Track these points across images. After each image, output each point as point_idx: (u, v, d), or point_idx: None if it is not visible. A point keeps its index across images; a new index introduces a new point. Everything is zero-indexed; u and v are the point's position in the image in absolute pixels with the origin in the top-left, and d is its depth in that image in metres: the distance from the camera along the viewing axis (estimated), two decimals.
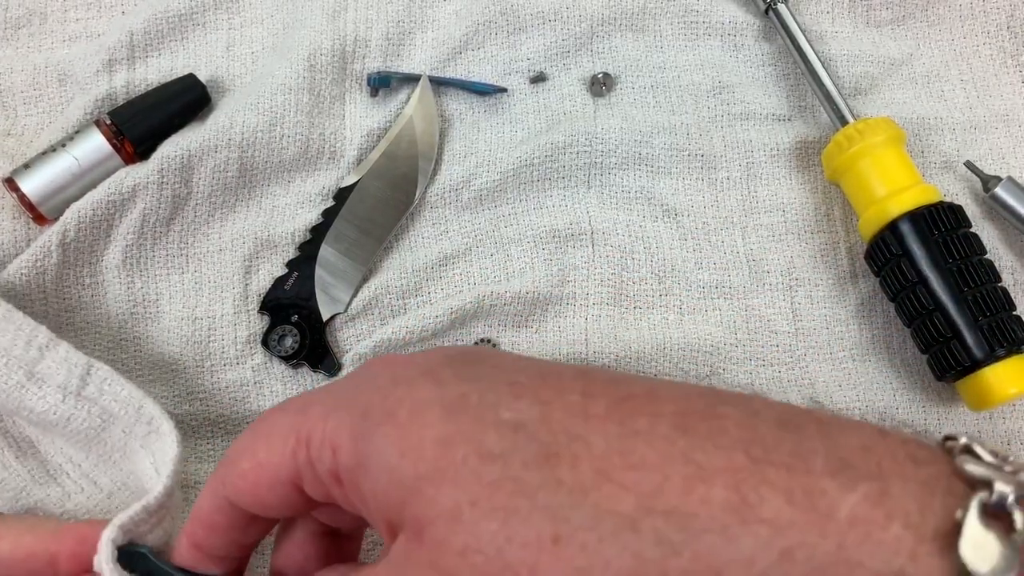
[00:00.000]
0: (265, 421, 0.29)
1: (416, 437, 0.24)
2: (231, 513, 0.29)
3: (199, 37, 0.50)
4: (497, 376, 0.26)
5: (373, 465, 0.24)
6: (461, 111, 0.50)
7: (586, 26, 0.51)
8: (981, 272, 0.43)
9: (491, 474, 0.22)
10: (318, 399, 0.28)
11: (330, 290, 0.47)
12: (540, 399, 0.24)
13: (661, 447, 0.22)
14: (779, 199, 0.49)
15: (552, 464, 0.22)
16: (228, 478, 0.29)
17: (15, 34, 0.50)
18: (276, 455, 0.27)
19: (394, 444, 0.24)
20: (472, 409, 0.24)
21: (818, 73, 0.49)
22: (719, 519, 0.21)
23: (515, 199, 0.49)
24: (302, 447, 0.27)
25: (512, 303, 0.46)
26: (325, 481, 0.26)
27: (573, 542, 0.21)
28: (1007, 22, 0.52)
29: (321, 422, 0.26)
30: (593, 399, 0.24)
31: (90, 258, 0.46)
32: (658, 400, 0.24)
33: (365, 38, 0.50)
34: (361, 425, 0.25)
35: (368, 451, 0.25)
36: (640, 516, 0.21)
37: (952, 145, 0.50)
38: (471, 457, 0.23)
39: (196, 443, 0.45)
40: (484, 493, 0.22)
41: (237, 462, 0.28)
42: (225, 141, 0.46)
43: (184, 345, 0.46)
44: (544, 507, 0.22)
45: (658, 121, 0.50)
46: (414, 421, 0.24)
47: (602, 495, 0.22)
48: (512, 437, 0.23)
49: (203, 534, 0.30)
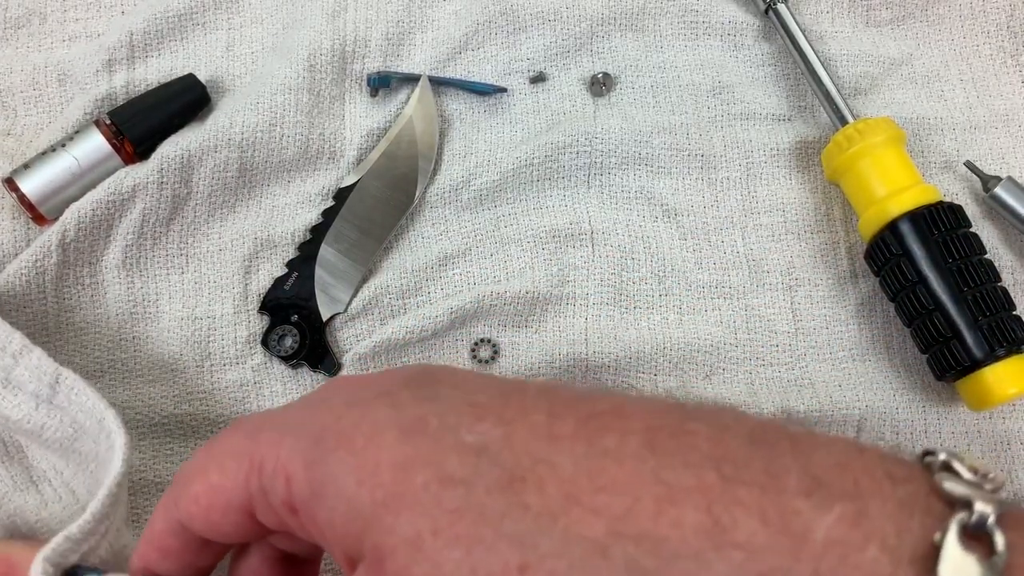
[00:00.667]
0: (218, 442, 0.27)
1: (373, 462, 0.23)
2: (183, 536, 0.28)
3: (199, 37, 0.50)
4: (457, 397, 0.25)
5: (329, 494, 0.23)
6: (461, 111, 0.50)
7: (586, 26, 0.51)
8: (981, 272, 0.43)
9: (453, 500, 0.21)
10: (269, 423, 0.27)
11: (330, 290, 0.47)
12: (503, 420, 0.23)
13: (630, 467, 0.22)
14: (779, 199, 0.49)
15: (517, 489, 0.21)
16: (180, 500, 0.27)
17: (15, 34, 0.50)
18: (229, 480, 0.26)
19: (350, 470, 0.23)
20: (432, 432, 0.23)
21: (818, 73, 0.49)
22: (692, 544, 0.20)
23: (515, 199, 0.49)
24: (254, 474, 0.25)
25: (512, 303, 0.46)
26: (279, 512, 0.25)
27: (541, 570, 0.20)
28: (1007, 22, 0.52)
29: (274, 449, 0.25)
30: (558, 419, 0.23)
31: (90, 258, 0.46)
32: (626, 416, 0.23)
33: (365, 38, 0.50)
34: (314, 451, 0.24)
35: (323, 479, 0.23)
36: (611, 542, 0.20)
37: (952, 145, 0.50)
38: (432, 483, 0.22)
39: (195, 443, 0.45)
40: (446, 520, 0.21)
41: (189, 484, 0.27)
42: (225, 141, 0.46)
43: (184, 345, 0.46)
44: (510, 535, 0.21)
45: (658, 121, 0.50)
46: (370, 445, 0.23)
47: (571, 520, 0.21)
48: (474, 461, 0.22)
49: (155, 557, 0.29)
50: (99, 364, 0.45)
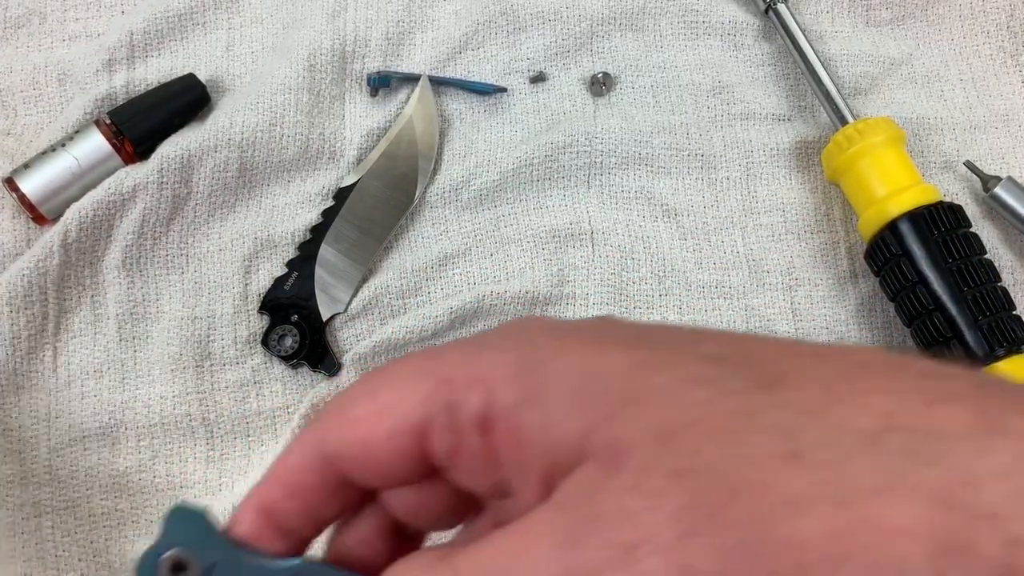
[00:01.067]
0: (387, 368, 0.25)
1: (603, 362, 0.21)
2: (322, 472, 0.25)
3: (199, 37, 0.50)
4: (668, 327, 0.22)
5: (551, 393, 0.21)
6: (461, 111, 0.50)
7: (586, 26, 0.51)
8: (981, 272, 0.43)
9: (704, 396, 0.20)
10: (456, 346, 0.24)
11: (330, 290, 0.47)
12: (733, 339, 0.22)
13: (886, 374, 0.20)
14: (779, 199, 0.49)
15: (774, 388, 0.20)
16: (335, 427, 0.24)
17: (15, 33, 0.50)
18: (404, 399, 0.24)
19: (578, 369, 0.21)
20: (661, 342, 0.22)
21: (818, 73, 0.49)
22: (968, 433, 0.19)
23: (515, 199, 0.49)
24: (440, 389, 0.23)
25: (512, 303, 0.46)
26: (465, 428, 0.23)
27: (813, 458, 0.19)
28: (1007, 22, 0.52)
29: (470, 361, 0.23)
30: (791, 346, 0.22)
31: (91, 258, 0.46)
32: (852, 352, 0.22)
33: (365, 38, 0.50)
34: (530, 356, 0.22)
35: (542, 381, 0.21)
36: (882, 432, 0.19)
37: (952, 145, 0.50)
38: (676, 381, 0.20)
39: (194, 444, 0.45)
40: (700, 413, 0.20)
41: (349, 408, 0.24)
42: (225, 141, 0.46)
43: (184, 345, 0.46)
44: (772, 426, 0.19)
45: (658, 121, 0.50)
46: (596, 348, 0.21)
47: (838, 414, 0.19)
48: (717, 367, 0.21)
49: (280, 496, 0.25)
50: (100, 364, 0.45)
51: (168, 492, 0.44)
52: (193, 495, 0.44)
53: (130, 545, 0.44)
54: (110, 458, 0.44)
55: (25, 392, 0.45)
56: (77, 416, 0.45)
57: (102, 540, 0.44)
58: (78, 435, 0.44)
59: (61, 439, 0.44)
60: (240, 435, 0.45)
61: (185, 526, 0.25)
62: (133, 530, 0.44)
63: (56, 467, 0.44)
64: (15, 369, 0.45)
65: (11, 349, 0.44)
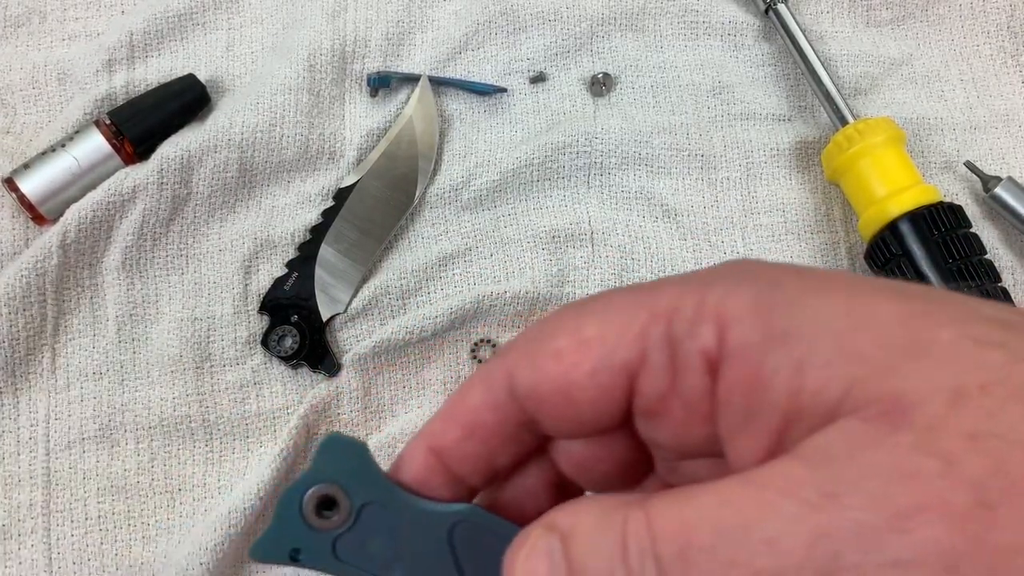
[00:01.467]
0: (589, 301, 0.22)
1: (871, 309, 0.19)
2: (505, 412, 0.22)
3: (199, 37, 0.50)
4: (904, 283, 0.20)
5: (806, 336, 0.19)
6: (461, 111, 0.50)
7: (586, 26, 0.51)
8: (981, 272, 0.43)
9: (999, 358, 0.18)
10: (673, 279, 0.22)
11: (330, 290, 0.46)
12: (1007, 307, 0.20)
13: None
14: (779, 199, 0.49)
15: None
16: (528, 361, 0.22)
17: (14, 32, 0.50)
18: (614, 331, 0.21)
19: (842, 313, 0.19)
20: (934, 298, 0.19)
21: (818, 73, 0.49)
22: None
23: (515, 199, 0.49)
24: (658, 323, 0.21)
25: (512, 303, 0.46)
26: (689, 366, 0.20)
27: None
28: (1007, 22, 0.52)
29: (696, 293, 0.21)
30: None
31: (90, 259, 0.46)
32: None
33: (365, 38, 0.50)
34: (774, 295, 0.20)
35: (794, 321, 0.19)
36: None
37: (952, 145, 0.50)
38: (963, 340, 0.18)
39: (193, 445, 0.45)
40: (996, 376, 0.18)
41: (548, 340, 0.22)
42: (225, 141, 0.46)
43: (184, 346, 0.46)
44: None
45: (658, 121, 0.50)
46: (859, 294, 0.19)
47: None
48: (1005, 331, 0.19)
49: (455, 436, 0.23)
50: (99, 365, 0.45)
51: (166, 494, 0.44)
52: (191, 498, 0.44)
53: (128, 548, 0.43)
54: (108, 460, 0.44)
55: (23, 394, 0.45)
56: (76, 418, 0.45)
57: (99, 543, 0.43)
58: (77, 437, 0.44)
59: (60, 441, 0.44)
60: (239, 436, 0.45)
61: (340, 459, 0.22)
62: (131, 532, 0.44)
63: (54, 469, 0.44)
64: (13, 371, 0.44)
65: (9, 351, 0.44)
